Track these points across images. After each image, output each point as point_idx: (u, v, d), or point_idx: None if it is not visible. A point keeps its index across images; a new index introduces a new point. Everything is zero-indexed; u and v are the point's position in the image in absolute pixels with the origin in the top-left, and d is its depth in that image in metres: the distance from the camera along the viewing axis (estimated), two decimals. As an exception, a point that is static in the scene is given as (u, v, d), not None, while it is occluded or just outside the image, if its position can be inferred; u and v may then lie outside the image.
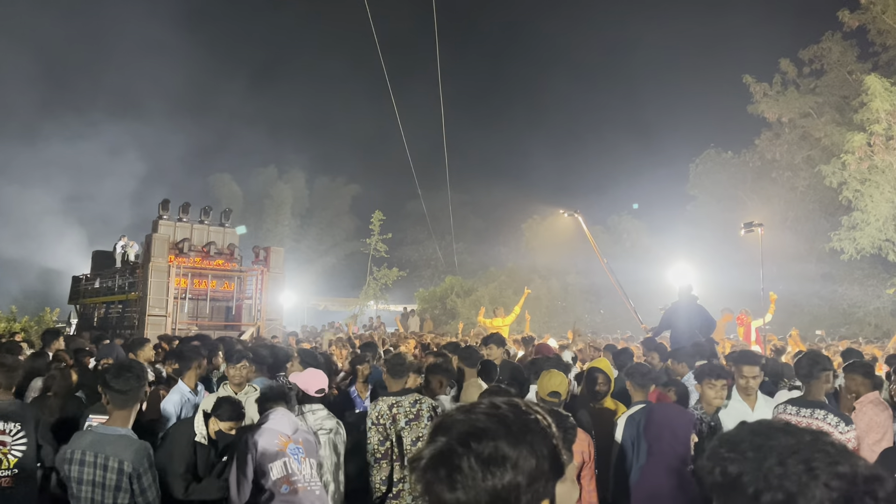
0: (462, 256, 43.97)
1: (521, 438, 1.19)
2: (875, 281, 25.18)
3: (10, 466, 4.51)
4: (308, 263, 43.57)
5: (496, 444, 1.17)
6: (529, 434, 1.20)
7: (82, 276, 23.49)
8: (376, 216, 29.90)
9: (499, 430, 1.19)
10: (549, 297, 31.77)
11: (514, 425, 1.20)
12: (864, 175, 22.28)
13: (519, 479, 1.16)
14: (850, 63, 26.53)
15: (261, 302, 19.97)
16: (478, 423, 1.21)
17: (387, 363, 5.10)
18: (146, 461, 3.36)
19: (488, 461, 1.16)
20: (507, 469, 1.16)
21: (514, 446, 1.17)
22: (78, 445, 3.45)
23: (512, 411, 1.24)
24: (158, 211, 19.89)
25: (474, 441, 1.17)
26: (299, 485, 4.06)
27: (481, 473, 1.15)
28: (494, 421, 1.21)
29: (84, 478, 3.35)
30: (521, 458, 1.17)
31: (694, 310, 9.36)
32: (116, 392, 3.47)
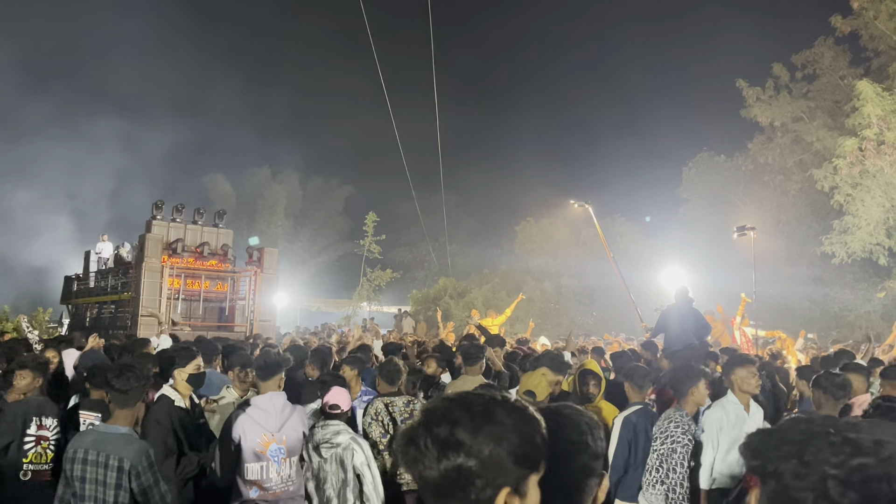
0: (455, 258, 44.02)
1: (479, 426, 1.25)
2: (866, 285, 25.34)
3: (48, 460, 4.64)
4: (301, 264, 43.56)
5: (452, 429, 1.25)
6: (490, 424, 1.26)
7: (75, 276, 23.40)
8: (370, 217, 29.90)
9: (460, 416, 1.27)
10: (543, 300, 31.84)
11: (477, 414, 1.27)
12: (856, 179, 22.44)
13: (470, 463, 1.23)
14: (842, 68, 26.73)
15: (254, 303, 19.93)
16: (442, 408, 1.30)
17: (381, 369, 5.30)
18: (145, 460, 3.37)
19: (443, 443, 1.24)
20: (460, 453, 1.23)
21: (470, 432, 1.24)
22: (80, 444, 3.48)
23: (481, 401, 1.31)
24: (152, 211, 19.84)
25: (434, 424, 1.27)
26: (273, 490, 4.17)
27: (436, 454, 1.24)
28: (458, 406, 1.29)
29: (87, 476, 3.38)
30: (476, 444, 1.24)
31: (688, 313, 9.40)
32: (118, 391, 3.51)
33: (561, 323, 30.79)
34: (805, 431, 1.18)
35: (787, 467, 1.14)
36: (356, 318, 28.26)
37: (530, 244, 36.25)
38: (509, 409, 1.30)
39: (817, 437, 1.16)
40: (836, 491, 1.10)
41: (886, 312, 24.66)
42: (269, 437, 4.19)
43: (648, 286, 24.66)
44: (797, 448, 1.15)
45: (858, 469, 1.10)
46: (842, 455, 1.12)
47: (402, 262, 44.36)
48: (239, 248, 22.20)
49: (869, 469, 1.10)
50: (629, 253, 30.27)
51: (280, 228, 44.87)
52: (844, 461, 1.11)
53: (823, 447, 1.14)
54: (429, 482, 1.27)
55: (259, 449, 4.17)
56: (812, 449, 1.14)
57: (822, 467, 1.12)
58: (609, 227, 31.86)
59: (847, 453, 1.12)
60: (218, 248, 20.36)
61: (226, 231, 21.29)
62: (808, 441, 1.16)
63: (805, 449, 1.15)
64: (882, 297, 24.15)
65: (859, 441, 1.14)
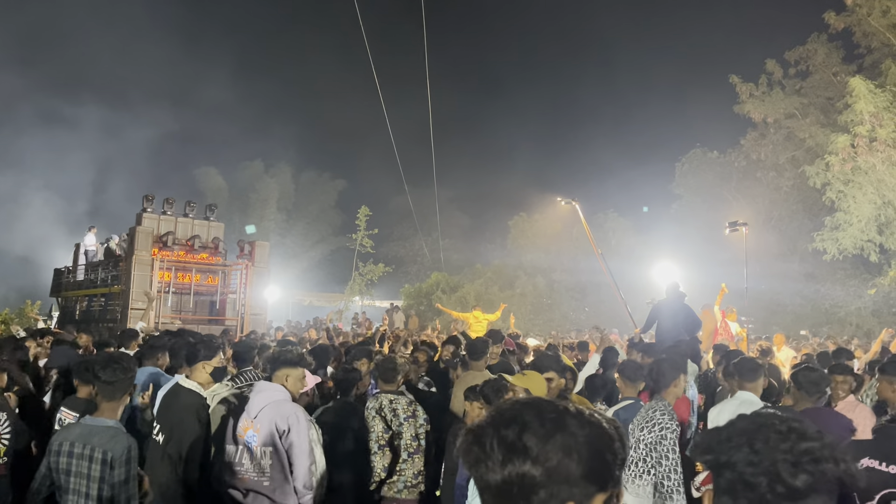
0: (448, 253, 43.96)
1: (550, 434, 1.20)
2: (857, 281, 25.45)
3: (1, 455, 4.63)
4: (293, 258, 43.43)
5: (521, 434, 1.20)
6: (562, 433, 1.20)
7: (64, 269, 23.23)
8: (362, 212, 29.83)
9: (530, 422, 1.21)
10: (535, 295, 31.86)
11: (548, 421, 1.22)
12: (848, 176, 22.51)
13: (535, 472, 1.18)
14: (835, 65, 26.80)
15: (245, 296, 19.83)
16: (513, 410, 1.25)
17: (379, 367, 5.25)
18: (125, 455, 3.31)
19: (510, 447, 1.19)
20: (526, 460, 1.18)
21: (539, 439, 1.19)
22: (66, 437, 3.44)
23: (554, 408, 1.26)
24: (142, 204, 19.70)
25: (502, 425, 1.22)
26: (241, 475, 4.21)
27: (501, 457, 1.19)
28: (531, 412, 1.24)
29: (72, 469, 3.34)
30: (544, 452, 1.18)
31: (679, 308, 9.38)
32: (104, 383, 3.47)
33: (553, 318, 30.81)
34: (753, 422, 1.27)
35: (740, 456, 1.22)
36: (348, 312, 28.20)
37: (523, 239, 36.24)
38: (583, 421, 1.24)
39: (765, 427, 1.25)
40: (787, 472, 1.18)
41: (877, 309, 24.78)
42: (248, 423, 4.22)
43: (640, 281, 24.67)
44: (747, 438, 1.23)
45: (807, 452, 1.20)
46: (789, 441, 1.21)
47: (395, 256, 44.28)
48: (230, 242, 22.09)
49: (816, 451, 1.19)
50: (621, 248, 30.29)
51: (272, 222, 44.71)
52: (793, 446, 1.21)
53: (772, 436, 1.23)
54: (490, 485, 1.21)
55: (239, 433, 4.25)
56: (761, 438, 1.23)
57: (773, 453, 1.20)
58: (601, 223, 31.89)
59: (793, 439, 1.22)
60: (209, 241, 20.23)
61: (217, 224, 21.16)
62: (756, 431, 1.24)
63: (755, 438, 1.23)
64: (873, 293, 24.26)
65: (804, 429, 1.24)
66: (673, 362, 4.75)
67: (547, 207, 33.15)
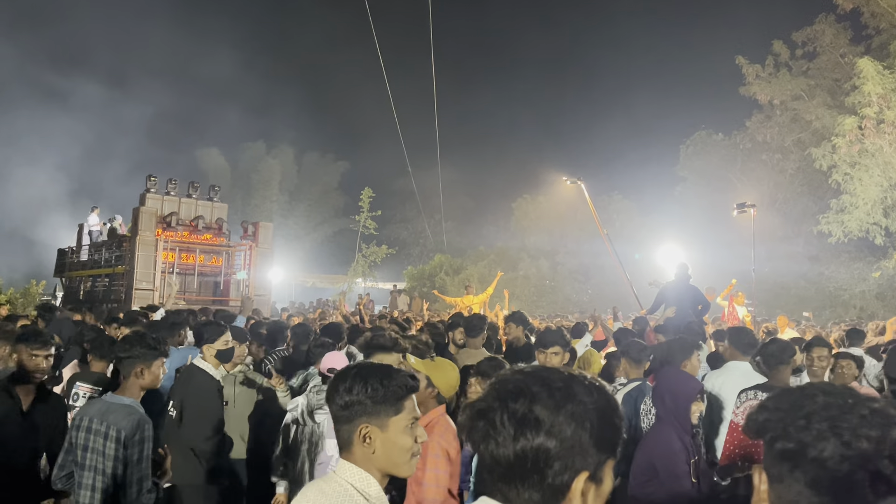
0: (451, 235, 43.92)
1: (561, 405, 1.16)
2: (861, 264, 25.38)
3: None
4: (296, 240, 43.41)
5: (531, 406, 1.16)
6: (572, 403, 1.17)
7: (68, 249, 23.23)
8: (365, 193, 29.74)
9: (539, 393, 1.17)
10: (538, 277, 31.85)
11: (557, 392, 1.18)
12: (854, 158, 22.36)
13: (549, 444, 1.14)
14: (842, 46, 26.53)
15: (249, 277, 19.82)
16: (520, 383, 1.20)
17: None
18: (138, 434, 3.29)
19: (521, 421, 1.16)
20: (539, 432, 1.15)
21: (551, 411, 1.15)
22: (86, 412, 3.44)
23: (562, 378, 1.21)
24: (145, 184, 19.65)
25: (511, 400, 1.18)
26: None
27: (513, 431, 1.16)
28: (538, 383, 1.19)
29: (89, 445, 3.34)
30: (556, 424, 1.15)
31: (686, 290, 9.35)
32: (122, 359, 3.48)
33: (556, 301, 30.82)
34: (830, 406, 1.11)
35: (829, 450, 1.07)
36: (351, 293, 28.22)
37: (526, 221, 36.18)
38: (589, 387, 1.21)
39: (846, 410, 1.10)
40: (890, 469, 1.05)
41: (881, 292, 24.74)
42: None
43: (644, 264, 24.65)
44: (830, 425, 1.08)
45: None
46: (878, 428, 1.07)
47: (398, 238, 44.25)
48: (234, 223, 22.06)
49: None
50: (625, 231, 30.23)
51: (275, 203, 44.64)
52: (884, 435, 1.06)
53: (857, 422, 1.08)
54: (500, 461, 1.18)
55: None
56: (846, 425, 1.08)
57: (864, 444, 1.06)
58: (606, 205, 31.79)
59: (881, 425, 1.07)
60: (212, 221, 20.19)
61: (220, 205, 21.11)
62: (840, 416, 1.09)
63: (839, 426, 1.08)
64: (877, 276, 24.20)
65: (886, 411, 1.10)
66: (683, 342, 4.71)
67: (551, 190, 33.06)
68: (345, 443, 1.88)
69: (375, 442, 1.84)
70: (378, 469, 1.85)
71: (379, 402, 1.85)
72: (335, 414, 1.90)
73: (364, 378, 1.88)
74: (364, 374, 1.90)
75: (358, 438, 1.84)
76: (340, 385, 1.89)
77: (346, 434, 1.87)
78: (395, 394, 1.88)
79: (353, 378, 1.88)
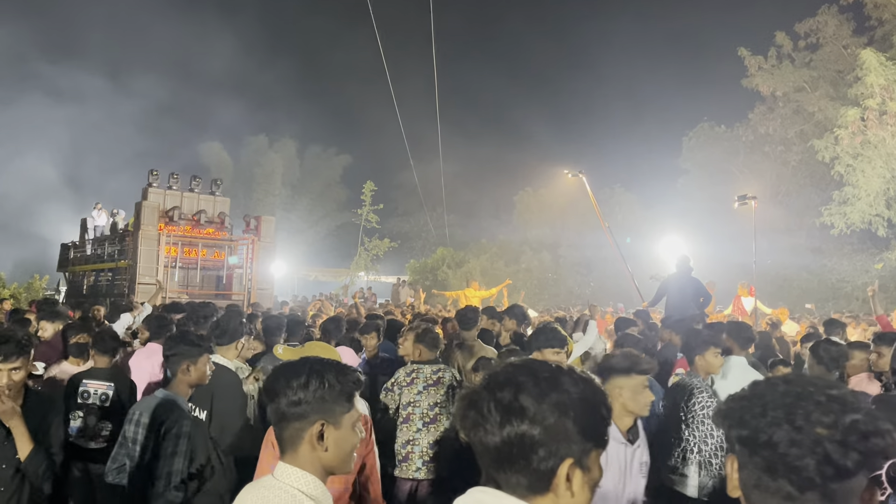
0: (453, 228, 43.90)
1: (545, 394, 1.22)
2: (864, 256, 25.35)
3: None
4: (299, 234, 43.43)
5: (517, 395, 1.22)
6: (557, 392, 1.23)
7: (71, 244, 23.28)
8: (368, 187, 29.76)
9: (525, 383, 1.23)
10: (541, 270, 31.86)
11: (543, 382, 1.24)
12: (857, 150, 22.31)
13: (534, 431, 1.20)
14: (845, 37, 26.43)
15: (251, 271, 19.85)
16: (509, 374, 1.26)
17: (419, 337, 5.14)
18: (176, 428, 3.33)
19: (507, 409, 1.22)
20: (524, 420, 1.20)
21: (535, 399, 1.22)
22: (139, 407, 3.56)
23: (547, 368, 1.28)
24: (148, 178, 19.68)
25: (498, 389, 1.24)
26: None
27: (499, 418, 1.22)
28: (524, 373, 1.26)
29: (137, 438, 3.44)
30: (541, 412, 1.21)
31: (689, 282, 9.36)
32: (167, 357, 3.57)
33: (559, 293, 30.83)
34: (789, 394, 1.16)
35: (781, 435, 1.11)
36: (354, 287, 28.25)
37: (528, 214, 36.17)
38: (576, 379, 1.27)
39: (803, 398, 1.14)
40: (837, 453, 1.08)
41: (884, 284, 24.67)
42: None
43: (647, 256, 24.63)
44: (785, 413, 1.13)
45: (852, 427, 1.09)
46: (832, 414, 1.11)
47: (400, 231, 44.24)
48: (236, 217, 22.07)
49: (860, 425, 1.10)
50: (627, 223, 30.22)
51: (277, 197, 44.64)
52: (837, 420, 1.10)
53: (812, 409, 1.12)
54: (489, 448, 1.25)
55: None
56: (801, 412, 1.12)
57: (816, 429, 1.10)
58: (608, 198, 31.78)
59: (836, 411, 1.11)
60: (215, 216, 20.22)
61: (222, 199, 21.14)
62: (795, 404, 1.13)
63: (794, 413, 1.12)
64: (880, 268, 24.17)
65: (844, 397, 1.14)
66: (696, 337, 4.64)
67: (552, 182, 33.02)
68: (290, 442, 1.80)
69: (329, 440, 1.79)
70: (325, 468, 1.81)
71: (335, 398, 1.82)
72: (283, 411, 1.80)
73: (320, 374, 1.83)
74: (319, 369, 1.84)
75: (310, 437, 1.78)
76: (293, 381, 1.80)
77: (293, 433, 1.79)
78: (349, 390, 1.86)
79: (308, 374, 1.82)
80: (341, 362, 1.96)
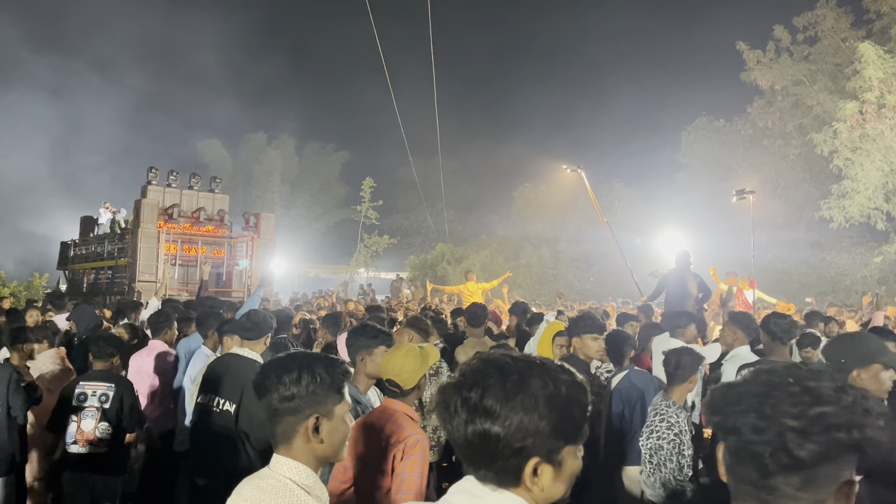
0: (453, 224, 43.92)
1: (511, 395, 1.24)
2: (863, 249, 25.36)
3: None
4: (298, 230, 43.45)
5: (482, 395, 1.25)
6: (522, 393, 1.24)
7: (71, 242, 23.30)
8: (367, 183, 29.77)
9: (492, 385, 1.25)
10: (540, 265, 31.87)
11: (510, 381, 1.25)
12: (856, 143, 22.30)
13: (497, 430, 1.22)
14: (843, 30, 26.38)
15: (251, 268, 19.89)
16: (477, 373, 1.29)
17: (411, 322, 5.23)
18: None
19: (472, 408, 1.25)
20: (487, 419, 1.23)
21: (500, 401, 1.23)
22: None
23: (518, 367, 1.28)
24: (147, 176, 19.70)
25: (465, 387, 1.27)
26: None
27: (465, 417, 1.25)
28: (493, 371, 1.28)
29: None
30: (504, 412, 1.23)
31: (687, 277, 9.35)
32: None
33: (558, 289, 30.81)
34: (766, 383, 1.16)
35: (746, 422, 1.12)
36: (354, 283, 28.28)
37: (528, 210, 36.15)
38: (547, 379, 1.27)
39: (777, 388, 1.14)
40: (794, 443, 1.08)
41: (883, 277, 24.73)
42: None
43: (646, 252, 24.64)
44: (757, 401, 1.13)
45: (818, 418, 1.09)
46: (801, 405, 1.10)
47: (400, 228, 44.26)
48: (235, 214, 22.11)
49: (828, 418, 1.08)
50: (626, 218, 30.20)
51: (276, 194, 44.64)
52: (803, 411, 1.09)
53: (783, 398, 1.12)
54: (458, 443, 1.28)
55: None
56: (771, 401, 1.12)
57: (781, 419, 1.10)
58: (607, 193, 31.75)
59: (806, 403, 1.10)
60: (214, 213, 20.26)
61: (222, 196, 21.17)
62: (767, 393, 1.13)
63: (764, 401, 1.12)
64: (879, 261, 24.19)
65: (819, 389, 1.12)
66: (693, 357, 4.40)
67: (551, 178, 33.00)
68: (284, 436, 1.83)
69: (323, 431, 1.82)
70: (318, 458, 1.84)
71: (326, 390, 1.85)
72: (275, 407, 1.83)
73: (310, 367, 1.86)
74: (308, 363, 1.87)
75: (304, 430, 1.81)
76: (285, 376, 1.84)
77: (287, 427, 1.83)
78: (339, 382, 1.89)
79: (299, 369, 1.84)
80: (329, 356, 1.97)
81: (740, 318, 5.39)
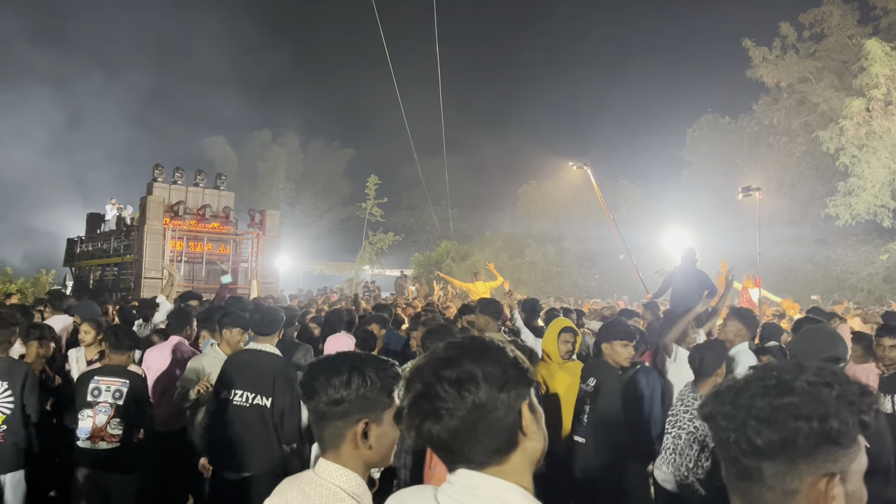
0: (457, 222, 43.93)
1: (480, 356, 1.30)
2: (869, 247, 25.28)
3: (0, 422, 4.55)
4: (303, 228, 43.52)
5: (461, 365, 1.28)
6: (488, 351, 1.31)
7: (77, 239, 23.37)
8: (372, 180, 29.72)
9: (460, 354, 1.31)
10: (545, 263, 31.87)
11: (472, 348, 1.32)
12: (862, 141, 22.24)
13: (492, 388, 1.27)
14: (850, 27, 26.30)
15: (256, 265, 19.93)
16: (441, 356, 1.33)
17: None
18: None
19: (459, 381, 1.27)
20: (478, 382, 1.27)
21: (476, 362, 1.28)
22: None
23: (468, 339, 1.36)
24: (153, 173, 19.74)
25: (441, 369, 1.29)
26: None
27: (457, 393, 1.26)
28: (455, 349, 1.33)
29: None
30: (486, 369, 1.28)
31: (694, 274, 9.34)
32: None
33: (563, 286, 30.82)
34: (748, 378, 1.18)
35: (721, 411, 1.15)
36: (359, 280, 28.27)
37: (532, 207, 36.14)
38: (490, 340, 1.35)
39: (756, 381, 1.15)
40: (752, 430, 1.10)
41: (889, 275, 24.66)
42: None
43: (651, 249, 24.61)
44: (735, 392, 1.16)
45: (783, 408, 1.09)
46: (769, 396, 1.11)
47: (404, 225, 44.28)
48: (240, 211, 22.14)
49: (794, 408, 1.09)
50: (632, 216, 30.16)
51: (281, 191, 44.72)
52: (770, 402, 1.11)
53: (758, 391, 1.13)
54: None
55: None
56: (748, 393, 1.14)
57: (748, 409, 1.12)
58: (612, 190, 31.70)
59: (776, 393, 1.11)
60: (219, 210, 20.30)
61: (227, 193, 21.21)
62: (746, 386, 1.15)
63: (741, 393, 1.15)
64: (885, 259, 24.12)
65: (793, 383, 1.12)
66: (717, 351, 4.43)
67: (557, 175, 33.00)
68: (332, 441, 1.74)
69: (371, 437, 1.73)
70: (367, 464, 1.76)
71: (377, 394, 1.75)
72: (322, 410, 1.74)
73: (361, 370, 1.75)
74: (359, 365, 1.77)
75: (352, 435, 1.72)
76: (335, 378, 1.74)
77: (334, 431, 1.73)
78: (389, 385, 1.78)
79: (349, 371, 1.74)
80: (380, 357, 1.88)
81: (743, 313, 5.36)
